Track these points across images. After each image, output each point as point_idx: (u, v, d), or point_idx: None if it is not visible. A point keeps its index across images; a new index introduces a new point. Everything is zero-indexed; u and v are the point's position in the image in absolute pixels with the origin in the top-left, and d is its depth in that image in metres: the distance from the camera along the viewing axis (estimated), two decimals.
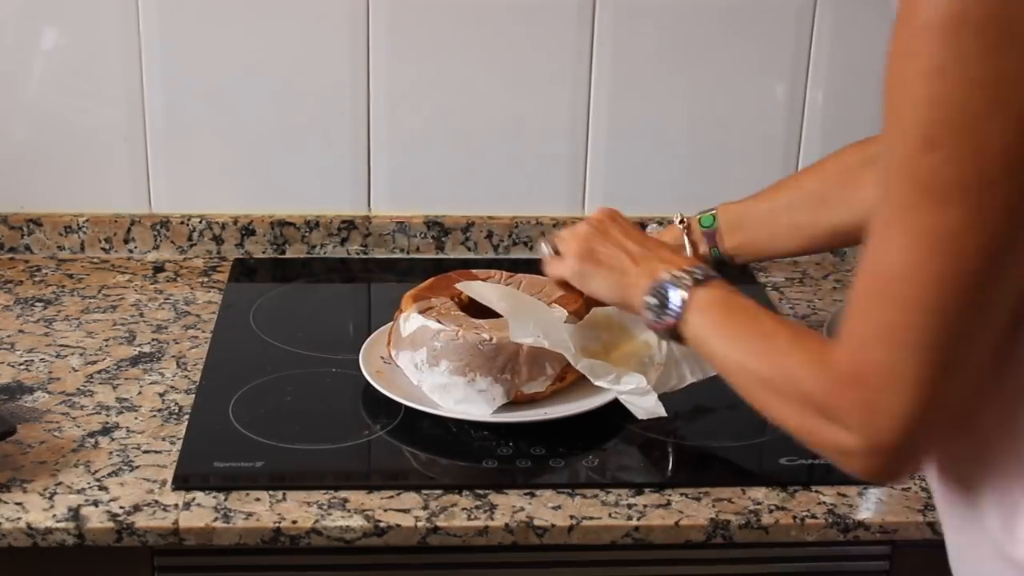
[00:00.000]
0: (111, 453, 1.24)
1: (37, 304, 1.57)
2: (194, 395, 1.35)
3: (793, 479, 1.23)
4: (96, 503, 1.16)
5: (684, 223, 1.38)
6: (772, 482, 1.22)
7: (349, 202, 1.74)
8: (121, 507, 1.15)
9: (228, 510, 1.16)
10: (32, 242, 1.71)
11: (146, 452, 1.25)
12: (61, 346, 1.46)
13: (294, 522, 1.14)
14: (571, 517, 1.16)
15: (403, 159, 1.73)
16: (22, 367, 1.41)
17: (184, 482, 1.19)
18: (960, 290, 0.78)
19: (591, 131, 1.72)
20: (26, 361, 1.42)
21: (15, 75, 1.65)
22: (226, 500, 1.17)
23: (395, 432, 1.29)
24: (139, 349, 1.46)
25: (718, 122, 1.72)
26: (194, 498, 1.17)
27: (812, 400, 0.88)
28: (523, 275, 1.41)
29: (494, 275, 1.41)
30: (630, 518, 1.17)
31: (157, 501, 1.17)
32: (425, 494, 1.19)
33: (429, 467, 1.26)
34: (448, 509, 1.17)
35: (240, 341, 1.49)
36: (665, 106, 1.72)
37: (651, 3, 1.68)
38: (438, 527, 1.15)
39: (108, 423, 1.30)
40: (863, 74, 1.64)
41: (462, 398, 1.28)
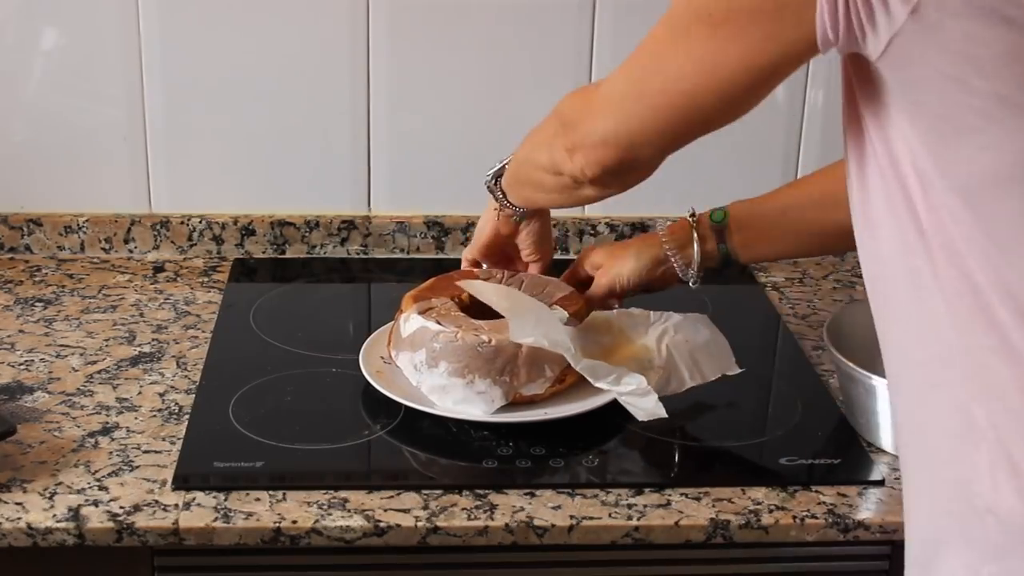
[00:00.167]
0: (111, 453, 1.24)
1: (37, 304, 1.57)
2: (194, 395, 1.35)
3: (793, 479, 1.23)
4: (96, 503, 1.16)
5: (694, 217, 1.38)
6: (772, 482, 1.22)
7: (349, 202, 1.74)
8: (121, 507, 1.15)
9: (228, 510, 1.16)
10: (32, 242, 1.71)
11: (146, 452, 1.25)
12: (61, 346, 1.46)
13: (294, 522, 1.14)
14: (571, 517, 1.16)
15: (403, 159, 1.73)
16: (22, 367, 1.41)
17: (184, 482, 1.19)
18: (675, 80, 0.98)
19: None
20: (26, 361, 1.42)
21: (15, 75, 1.65)
22: (226, 500, 1.17)
23: (395, 432, 1.29)
24: (139, 349, 1.46)
25: None
26: (194, 498, 1.17)
27: (556, 108, 1.15)
28: (524, 274, 1.41)
29: (495, 275, 1.41)
30: (630, 518, 1.17)
31: (157, 501, 1.17)
32: (425, 494, 1.19)
33: (429, 467, 1.26)
34: (448, 509, 1.17)
35: (240, 341, 1.49)
36: None
37: (651, 3, 1.67)
38: (438, 527, 1.15)
39: (108, 423, 1.30)
40: None
41: (461, 399, 1.28)
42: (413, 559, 1.18)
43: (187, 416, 1.31)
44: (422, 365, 1.29)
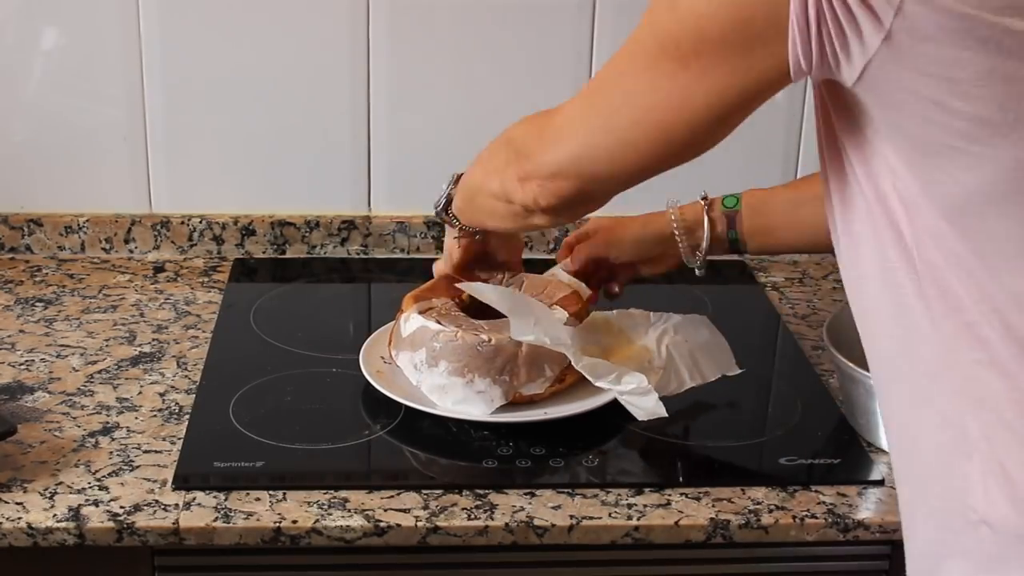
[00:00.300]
0: (111, 453, 1.24)
1: (38, 304, 1.57)
2: (194, 395, 1.36)
3: (793, 479, 1.23)
4: (96, 503, 1.16)
5: (706, 200, 1.38)
6: (772, 482, 1.22)
7: (349, 202, 1.74)
8: (121, 507, 1.15)
9: (228, 510, 1.16)
10: (32, 242, 1.71)
11: (146, 452, 1.25)
12: (62, 346, 1.46)
13: (294, 522, 1.15)
14: (571, 517, 1.17)
15: (403, 159, 1.73)
16: (23, 367, 1.41)
17: (184, 482, 1.19)
18: (636, 109, 0.95)
19: None
20: (27, 361, 1.42)
21: (15, 75, 1.65)
22: (226, 500, 1.17)
23: (395, 432, 1.29)
24: (139, 349, 1.46)
25: None
26: (194, 498, 1.17)
27: (508, 134, 1.15)
28: (524, 275, 1.41)
29: (496, 276, 1.41)
30: (630, 518, 1.17)
31: (157, 501, 1.17)
32: (425, 494, 1.19)
33: (429, 467, 1.27)
34: (448, 509, 1.17)
35: (240, 341, 1.49)
36: None
37: None
38: (438, 527, 1.15)
39: (108, 423, 1.30)
40: None
41: (460, 399, 1.28)
42: (413, 559, 1.18)
43: (187, 416, 1.31)
44: (422, 365, 1.29)
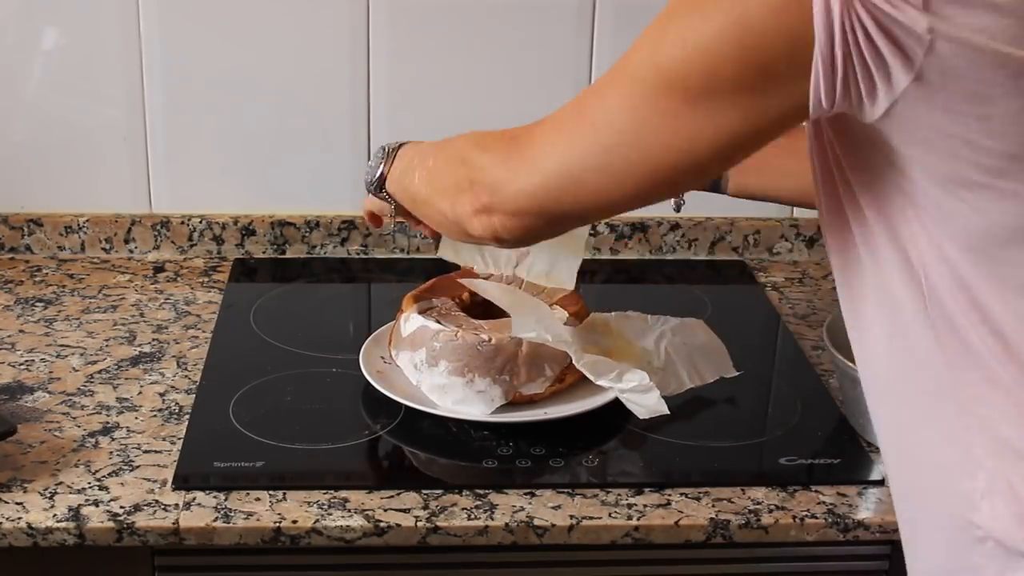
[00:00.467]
0: (111, 453, 1.24)
1: (38, 304, 1.57)
2: (194, 395, 1.36)
3: (793, 479, 1.23)
4: (96, 503, 1.16)
5: None
6: (772, 482, 1.22)
7: (349, 202, 1.74)
8: (121, 507, 1.15)
9: (228, 510, 1.16)
10: (32, 242, 1.71)
11: (146, 452, 1.25)
12: (61, 346, 1.46)
13: (294, 522, 1.15)
14: (571, 517, 1.17)
15: None
16: (23, 367, 1.41)
17: (184, 482, 1.19)
18: (633, 151, 0.89)
19: None
20: (27, 361, 1.42)
21: (15, 75, 1.65)
22: (226, 500, 1.17)
23: (395, 432, 1.29)
24: (139, 349, 1.46)
25: None
26: (194, 498, 1.17)
27: (465, 153, 1.03)
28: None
29: (496, 274, 1.41)
30: (630, 518, 1.17)
31: (157, 501, 1.17)
32: (425, 494, 1.19)
33: (429, 467, 1.26)
34: (448, 509, 1.17)
35: (240, 341, 1.49)
36: None
37: (651, 3, 1.67)
38: (438, 527, 1.15)
39: (108, 423, 1.30)
40: None
41: (460, 399, 1.28)
42: (413, 559, 1.18)
43: (187, 416, 1.31)
44: (422, 364, 1.29)
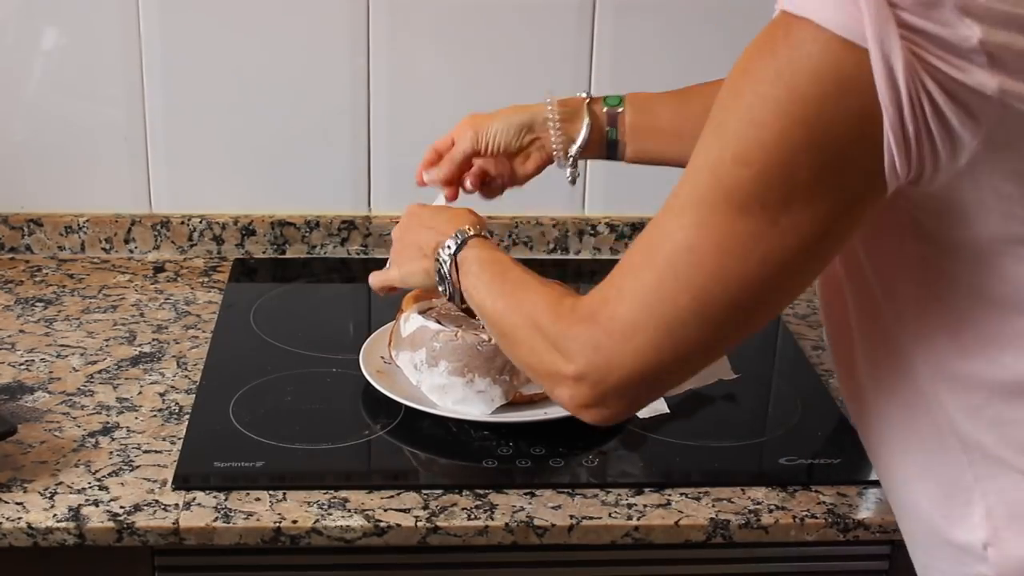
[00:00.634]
0: (111, 453, 1.24)
1: (38, 304, 1.57)
2: (194, 395, 1.36)
3: (793, 479, 1.23)
4: (96, 503, 1.16)
5: (588, 96, 1.30)
6: (772, 482, 1.22)
7: (349, 202, 1.74)
8: (121, 507, 1.15)
9: (228, 510, 1.16)
10: (33, 242, 1.71)
11: (146, 452, 1.25)
12: (62, 346, 1.46)
13: (294, 522, 1.15)
14: (571, 517, 1.17)
15: (403, 159, 1.73)
16: (23, 367, 1.41)
17: (184, 482, 1.19)
18: (729, 288, 0.84)
19: None
20: (27, 361, 1.42)
21: (15, 75, 1.65)
22: (226, 500, 1.17)
23: (395, 432, 1.29)
24: (139, 349, 1.46)
25: None
26: (194, 498, 1.17)
27: (544, 328, 0.95)
28: None
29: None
30: (630, 518, 1.17)
31: (157, 501, 1.17)
32: (425, 494, 1.19)
33: (429, 467, 1.26)
34: (448, 509, 1.17)
35: (240, 341, 1.49)
36: None
37: (651, 3, 1.68)
38: (438, 527, 1.15)
39: (108, 423, 1.30)
40: None
41: (460, 399, 1.28)
42: (413, 559, 1.18)
43: (187, 416, 1.31)
44: (422, 364, 1.29)
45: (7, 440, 1.22)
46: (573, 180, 1.31)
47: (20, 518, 1.13)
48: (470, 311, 1.35)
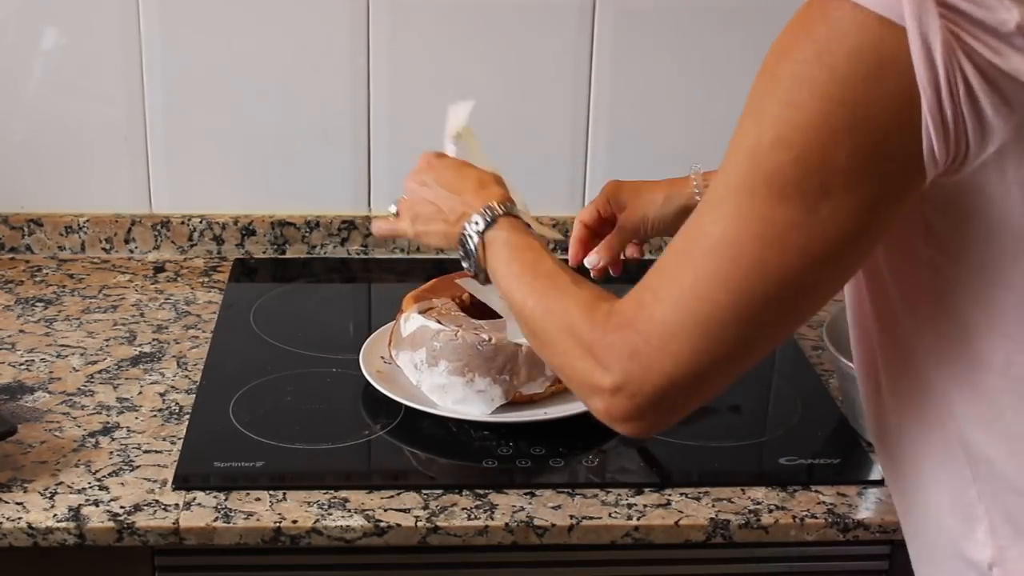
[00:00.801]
0: (111, 453, 1.24)
1: (38, 304, 1.57)
2: (194, 395, 1.36)
3: (793, 479, 1.23)
4: (97, 503, 1.16)
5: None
6: (772, 482, 1.22)
7: (349, 202, 1.74)
8: (122, 507, 1.15)
9: (228, 510, 1.16)
10: (33, 242, 1.71)
11: (146, 452, 1.25)
12: (62, 346, 1.46)
13: (294, 522, 1.15)
14: (571, 517, 1.17)
15: (403, 159, 1.72)
16: (23, 367, 1.41)
17: (184, 482, 1.19)
18: (769, 281, 0.81)
19: (591, 131, 1.72)
20: (27, 361, 1.42)
21: (15, 75, 1.65)
22: (226, 500, 1.17)
23: (395, 432, 1.29)
24: (139, 349, 1.46)
25: (718, 122, 1.72)
26: (194, 498, 1.17)
27: (579, 335, 0.91)
28: None
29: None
30: (630, 518, 1.17)
31: (157, 501, 1.17)
32: (425, 494, 1.19)
33: (429, 467, 1.27)
34: (448, 509, 1.17)
35: (240, 341, 1.49)
36: (665, 106, 1.72)
37: (651, 3, 1.68)
38: (438, 527, 1.15)
39: (108, 423, 1.30)
40: None
41: (461, 398, 1.28)
42: (413, 559, 1.18)
43: (187, 416, 1.31)
44: (422, 364, 1.30)
45: (7, 440, 1.22)
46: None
47: (20, 518, 1.13)
48: (469, 311, 1.36)
